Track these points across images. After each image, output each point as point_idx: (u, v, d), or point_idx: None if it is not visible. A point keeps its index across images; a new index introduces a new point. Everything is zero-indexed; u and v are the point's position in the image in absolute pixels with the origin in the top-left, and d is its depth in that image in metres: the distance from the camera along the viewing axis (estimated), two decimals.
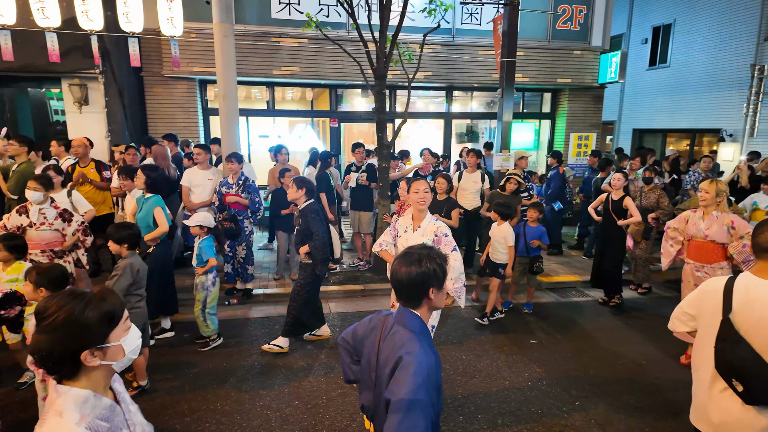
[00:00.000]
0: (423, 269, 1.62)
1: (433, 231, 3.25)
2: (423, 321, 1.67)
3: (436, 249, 1.73)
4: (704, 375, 2.03)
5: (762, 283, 1.89)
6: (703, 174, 7.19)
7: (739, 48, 11.06)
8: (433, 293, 1.65)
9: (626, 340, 4.78)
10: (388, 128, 9.00)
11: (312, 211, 4.22)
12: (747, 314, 1.87)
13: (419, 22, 7.73)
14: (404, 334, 1.61)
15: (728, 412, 1.92)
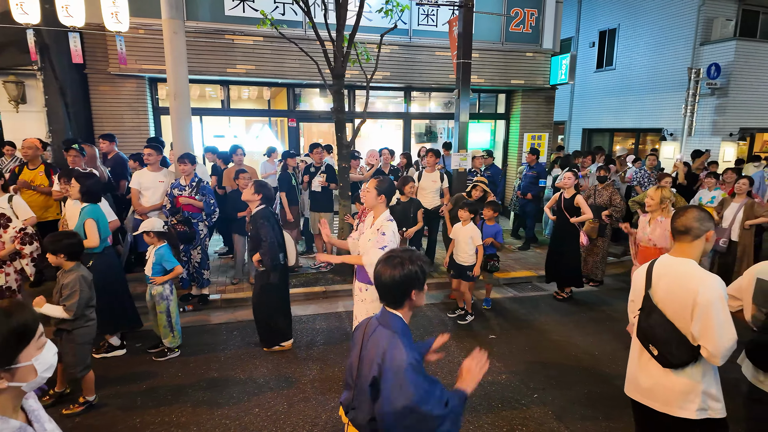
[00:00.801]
0: (405, 272, 1.69)
1: (377, 228, 3.26)
2: (404, 321, 1.76)
3: (417, 252, 1.82)
4: (634, 347, 2.29)
5: (674, 260, 2.12)
6: (649, 171, 7.58)
7: (677, 52, 11.77)
8: (415, 294, 1.74)
9: (580, 331, 4.97)
10: (348, 128, 9.00)
11: (262, 216, 4.13)
12: (660, 287, 2.11)
13: (377, 22, 7.73)
14: (387, 334, 1.70)
15: (653, 376, 2.15)
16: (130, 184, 5.43)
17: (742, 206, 5.48)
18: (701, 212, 2.09)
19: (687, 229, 2.07)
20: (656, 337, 2.08)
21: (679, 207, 2.23)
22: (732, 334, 1.92)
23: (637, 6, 12.90)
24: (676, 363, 2.04)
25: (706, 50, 11.14)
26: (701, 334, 1.94)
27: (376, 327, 1.77)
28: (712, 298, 1.92)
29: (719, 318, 1.90)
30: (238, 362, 4.22)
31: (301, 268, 6.62)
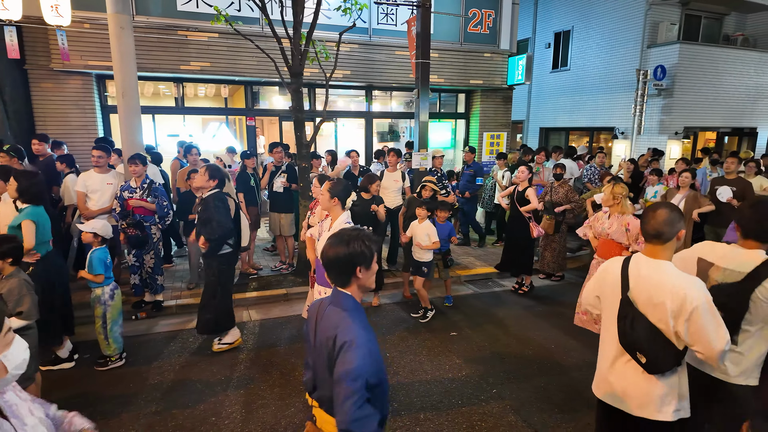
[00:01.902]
0: (350, 249, 1.71)
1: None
2: (354, 299, 1.76)
3: (365, 231, 1.81)
4: (608, 349, 2.21)
5: (651, 262, 2.08)
6: (599, 168, 7.88)
7: (626, 54, 12.29)
8: (361, 272, 1.74)
9: (537, 325, 5.10)
10: (309, 126, 8.88)
11: (217, 198, 4.04)
12: (640, 290, 2.05)
13: (335, 20, 7.66)
14: (338, 313, 1.72)
15: (630, 381, 2.10)
16: (76, 186, 5.15)
17: (684, 198, 5.79)
18: (671, 213, 2.05)
19: (659, 233, 2.04)
20: (644, 345, 2.01)
21: (649, 206, 2.15)
22: (725, 334, 1.91)
23: (589, 9, 13.37)
24: (665, 369, 2.01)
25: (653, 53, 11.69)
26: (695, 339, 1.91)
27: (327, 306, 1.79)
28: (701, 302, 1.90)
29: (711, 321, 1.90)
30: (194, 369, 4.08)
31: (261, 270, 6.49)
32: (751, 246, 2.25)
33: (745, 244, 2.27)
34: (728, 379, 2.25)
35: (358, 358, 1.59)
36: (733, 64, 12.16)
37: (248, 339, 4.73)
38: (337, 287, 1.79)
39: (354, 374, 1.57)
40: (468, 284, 6.50)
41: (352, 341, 1.62)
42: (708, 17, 12.86)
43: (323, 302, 1.85)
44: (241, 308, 5.44)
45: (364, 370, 1.59)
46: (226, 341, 4.43)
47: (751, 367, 2.23)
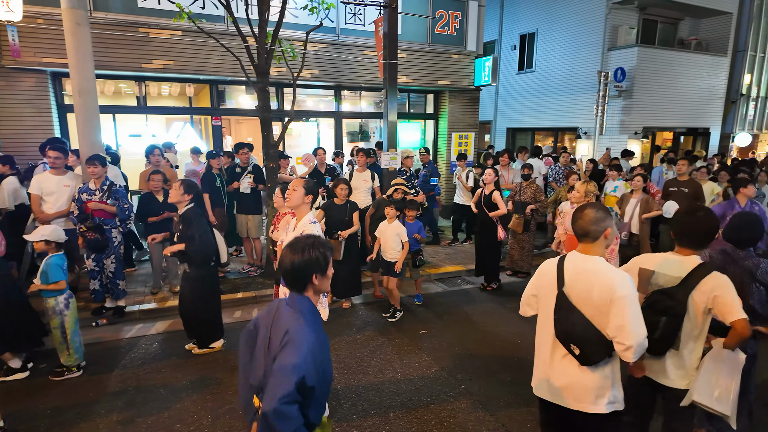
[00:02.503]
0: (306, 257, 1.79)
1: (300, 232, 3.21)
2: (311, 303, 1.84)
3: (321, 239, 1.89)
4: (545, 346, 2.28)
5: (585, 258, 2.16)
6: (563, 167, 8.11)
7: (588, 56, 12.68)
8: (317, 279, 1.82)
9: (504, 321, 5.20)
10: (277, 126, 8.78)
11: (193, 215, 4.02)
12: (576, 286, 2.13)
13: (303, 19, 7.60)
14: (292, 314, 1.78)
15: (568, 375, 2.17)
16: (29, 189, 4.93)
17: (639, 201, 6.04)
18: (596, 212, 2.13)
19: (585, 232, 2.14)
20: (578, 337, 2.07)
21: (578, 207, 2.24)
22: (644, 329, 1.99)
23: (553, 12, 13.73)
24: (597, 360, 2.07)
25: (613, 55, 12.10)
26: (618, 330, 1.97)
27: (282, 308, 1.84)
28: (627, 293, 1.98)
29: (634, 313, 1.97)
30: (158, 375, 3.97)
31: (229, 273, 6.37)
32: (687, 253, 2.35)
33: (681, 251, 2.37)
34: (673, 384, 2.35)
35: (299, 357, 1.65)
36: (688, 67, 12.73)
37: None
38: (292, 291, 1.86)
39: (290, 369, 1.63)
40: (438, 282, 6.57)
41: (297, 340, 1.69)
42: (664, 22, 13.41)
43: (280, 303, 1.90)
44: (232, 308, 5.33)
45: (302, 368, 1.64)
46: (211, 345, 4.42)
47: (692, 370, 2.32)
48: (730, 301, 2.15)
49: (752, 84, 14.16)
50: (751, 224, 2.69)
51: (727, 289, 2.17)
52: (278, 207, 4.39)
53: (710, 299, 2.19)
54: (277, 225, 4.33)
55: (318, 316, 1.85)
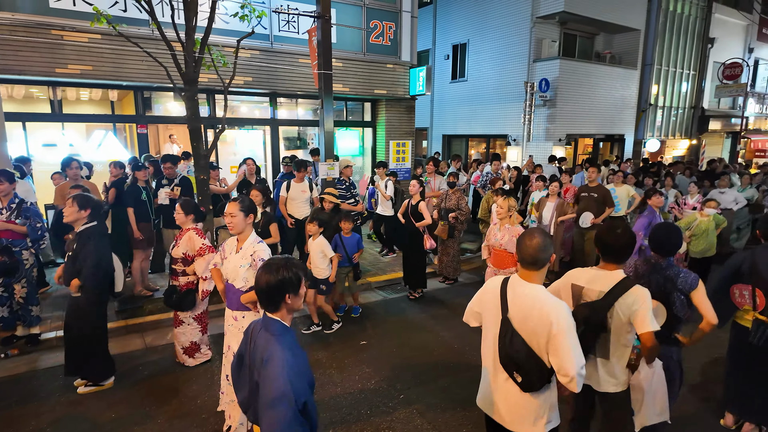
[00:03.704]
0: (280, 277, 1.86)
1: (250, 254, 3.13)
2: (282, 323, 1.92)
3: (294, 259, 1.97)
4: (489, 365, 2.35)
5: (525, 285, 2.21)
6: (494, 174, 8.48)
7: (516, 67, 13.37)
8: (290, 298, 1.90)
9: (441, 327, 5.35)
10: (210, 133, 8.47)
11: (93, 234, 3.69)
12: (516, 312, 2.19)
13: (234, 25, 7.39)
14: (266, 337, 1.87)
15: (510, 398, 2.25)
16: None
17: (555, 205, 6.49)
18: (544, 239, 2.18)
19: (535, 260, 2.17)
20: (520, 364, 2.13)
21: (525, 232, 2.28)
22: (582, 357, 2.07)
23: (482, 24, 14.34)
24: (538, 388, 2.14)
25: (538, 66, 12.85)
26: (560, 364, 2.03)
27: (260, 330, 1.93)
28: (565, 327, 2.04)
29: (573, 346, 2.03)
30: (80, 408, 3.69)
31: (157, 290, 6.04)
32: (611, 267, 2.52)
33: (606, 266, 2.54)
34: (605, 389, 2.54)
35: (280, 377, 1.73)
36: (604, 78, 13.79)
37: (145, 367, 4.39)
38: (266, 313, 1.94)
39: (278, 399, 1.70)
40: (378, 291, 6.63)
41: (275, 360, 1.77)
42: (582, 36, 14.44)
43: (256, 326, 1.99)
44: (134, 335, 5.04)
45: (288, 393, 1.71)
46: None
47: (621, 375, 2.53)
48: (643, 315, 2.33)
49: (659, 94, 15.58)
50: (670, 234, 2.88)
51: (644, 303, 2.35)
52: (179, 223, 4.08)
53: (631, 312, 2.36)
54: (179, 242, 4.09)
55: (291, 334, 1.92)
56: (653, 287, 2.71)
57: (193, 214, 4.10)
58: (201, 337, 4.38)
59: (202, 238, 3.99)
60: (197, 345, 4.37)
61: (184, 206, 4.06)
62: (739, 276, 3.25)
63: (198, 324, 4.31)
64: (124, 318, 5.26)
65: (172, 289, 4.15)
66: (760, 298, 3.14)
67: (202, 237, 4.01)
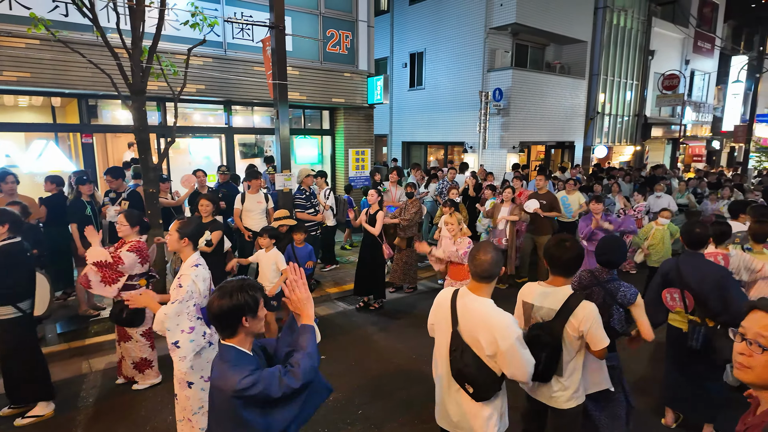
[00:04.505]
0: (234, 301, 1.79)
1: (179, 276, 3.01)
2: (237, 349, 1.83)
3: (250, 280, 1.91)
4: (442, 377, 2.40)
5: (474, 297, 2.29)
6: (450, 182, 8.64)
7: (471, 77, 13.70)
8: (248, 321, 1.83)
9: (400, 338, 5.38)
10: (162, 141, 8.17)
11: (12, 251, 3.47)
12: (466, 325, 2.26)
13: (186, 32, 7.16)
14: (221, 366, 1.77)
15: (463, 408, 2.32)
16: None
17: (510, 211, 6.75)
18: (496, 253, 2.25)
19: (489, 274, 2.25)
20: (471, 376, 2.20)
21: (478, 246, 2.32)
22: (532, 360, 2.21)
23: (438, 33, 14.61)
24: (489, 397, 2.24)
25: (492, 76, 13.22)
26: (514, 373, 2.16)
27: (216, 360, 1.85)
28: (512, 341, 2.13)
29: (522, 355, 2.15)
30: None
31: (104, 310, 5.75)
32: (560, 282, 2.58)
33: (555, 280, 2.60)
34: (560, 405, 2.61)
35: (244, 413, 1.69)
36: (554, 88, 14.36)
37: (90, 392, 4.17)
38: (222, 339, 1.86)
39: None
40: (338, 302, 6.59)
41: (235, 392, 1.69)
42: (533, 47, 14.99)
43: (216, 356, 1.90)
44: (78, 358, 4.78)
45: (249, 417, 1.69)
46: (34, 413, 3.76)
47: (575, 390, 2.61)
48: (594, 332, 2.43)
49: (605, 103, 16.38)
50: (617, 247, 2.99)
51: (594, 321, 2.44)
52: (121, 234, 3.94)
53: (582, 329, 2.45)
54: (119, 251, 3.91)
55: (247, 359, 1.81)
56: (595, 299, 2.84)
57: (138, 226, 3.95)
58: (151, 353, 4.23)
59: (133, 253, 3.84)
60: (149, 361, 4.22)
61: (128, 217, 3.90)
62: (669, 282, 3.47)
63: (147, 340, 4.16)
64: (67, 341, 4.98)
65: (120, 305, 3.96)
66: (689, 300, 3.35)
67: (134, 252, 3.85)
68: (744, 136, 16.99)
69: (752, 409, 1.51)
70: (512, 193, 6.83)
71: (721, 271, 3.32)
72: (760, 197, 8.91)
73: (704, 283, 3.27)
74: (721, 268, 3.39)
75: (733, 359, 1.43)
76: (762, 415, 1.40)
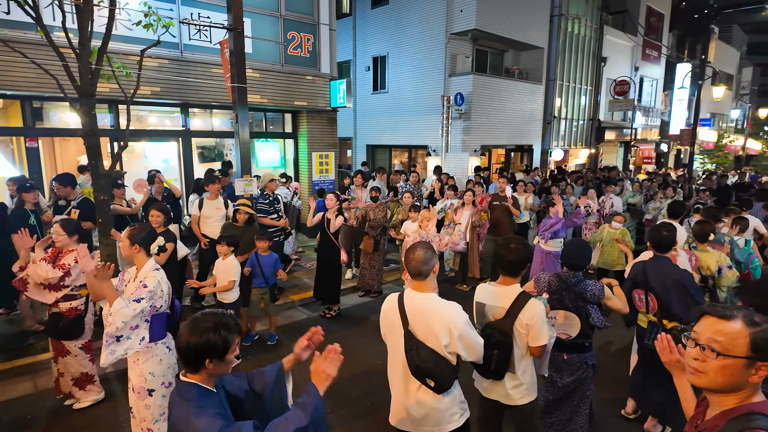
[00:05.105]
0: (202, 340, 1.66)
1: (140, 279, 2.95)
2: (199, 387, 1.71)
3: (229, 319, 1.77)
4: (398, 380, 2.46)
5: (419, 296, 2.38)
6: (412, 185, 8.71)
7: (433, 81, 13.86)
8: (211, 364, 1.70)
9: (365, 343, 5.36)
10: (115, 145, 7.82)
11: None
12: (417, 323, 2.34)
13: (139, 32, 6.90)
14: (180, 405, 1.66)
15: (425, 405, 2.37)
16: None
17: (471, 213, 6.91)
18: (425, 252, 2.35)
19: (419, 272, 2.35)
20: (431, 371, 2.29)
21: (409, 247, 2.44)
22: (481, 340, 2.41)
23: (400, 38, 14.71)
24: (450, 387, 2.34)
25: (454, 81, 13.42)
26: (469, 353, 2.33)
27: (175, 397, 1.73)
28: (462, 326, 2.27)
29: (473, 337, 2.34)
30: None
31: None
32: (509, 282, 2.66)
33: (504, 280, 2.68)
34: (516, 402, 2.68)
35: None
36: (513, 93, 14.74)
37: (35, 414, 3.92)
38: (181, 374, 1.76)
39: None
40: (302, 308, 6.50)
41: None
42: (493, 53, 15.34)
43: (174, 392, 1.77)
44: (23, 377, 4.49)
45: None
46: None
47: (529, 386, 2.68)
48: (536, 330, 2.53)
49: (562, 107, 16.96)
50: (582, 251, 3.14)
51: (539, 319, 2.53)
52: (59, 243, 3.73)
53: (528, 325, 2.53)
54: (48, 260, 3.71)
55: (210, 397, 1.69)
56: (568, 303, 2.95)
57: (77, 235, 3.76)
58: (92, 367, 4.01)
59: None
60: (90, 376, 4.00)
61: (64, 226, 3.72)
62: (637, 284, 3.62)
63: (86, 353, 3.94)
64: (9, 359, 4.67)
65: (56, 317, 3.74)
66: (653, 302, 3.50)
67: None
68: (689, 140, 18.00)
69: (701, 411, 1.55)
70: (473, 195, 6.97)
71: (682, 273, 3.46)
72: (708, 199, 9.45)
73: (666, 285, 3.41)
74: (683, 271, 3.53)
75: (687, 364, 1.46)
76: (714, 419, 1.43)
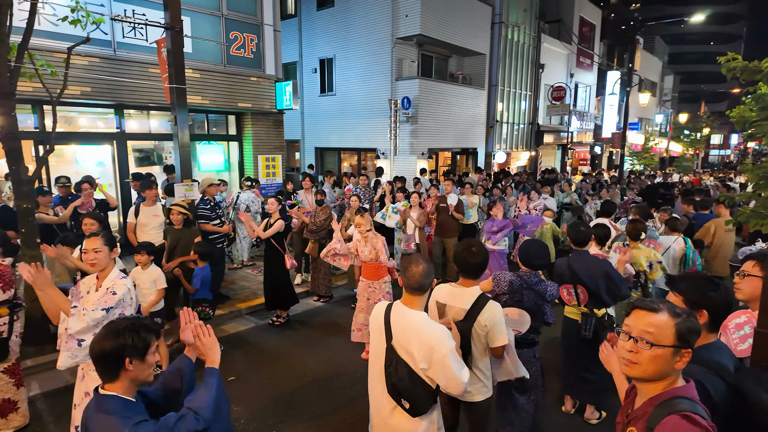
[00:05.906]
0: (119, 342, 1.62)
1: (107, 287, 2.79)
2: (120, 398, 1.63)
3: (144, 319, 1.75)
4: (379, 396, 2.36)
5: (407, 312, 2.29)
6: (363, 188, 8.71)
7: (381, 85, 13.95)
8: (131, 364, 1.64)
9: (315, 349, 5.29)
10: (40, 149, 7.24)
11: None
12: (400, 339, 2.26)
13: (66, 29, 6.44)
14: (101, 419, 1.56)
15: (401, 425, 2.30)
16: None
17: (418, 215, 7.06)
18: (427, 265, 2.27)
19: (420, 286, 2.26)
20: (406, 391, 2.19)
21: (409, 259, 2.33)
22: (467, 371, 2.22)
23: (346, 41, 14.68)
24: (425, 411, 2.23)
25: (400, 85, 13.58)
26: (447, 384, 2.15)
27: (91, 413, 1.62)
28: (446, 352, 2.13)
29: (456, 365, 2.16)
30: None
31: None
32: (468, 284, 2.73)
33: (464, 282, 2.74)
34: (472, 399, 2.74)
35: None
36: (458, 97, 15.13)
37: None
38: (100, 387, 1.67)
39: None
40: (249, 317, 6.31)
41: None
42: (438, 58, 15.67)
43: (89, 407, 1.67)
44: None
45: None
46: None
47: (485, 383, 2.76)
48: (495, 332, 2.60)
49: (503, 111, 17.62)
50: (540, 251, 3.24)
51: (497, 321, 2.59)
52: None
53: (486, 326, 2.59)
54: None
55: (134, 407, 1.62)
56: (528, 302, 3.07)
57: (0, 248, 3.46)
58: (16, 392, 3.67)
59: None
60: (13, 402, 3.64)
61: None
62: (563, 279, 3.81)
63: (11, 377, 3.61)
64: None
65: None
66: (583, 294, 3.70)
67: None
68: (620, 142, 19.22)
69: (630, 400, 1.66)
70: (419, 198, 7.09)
71: (604, 263, 3.72)
72: (638, 196, 10.16)
73: (594, 276, 3.63)
74: (604, 261, 3.80)
75: (620, 356, 1.54)
76: (643, 407, 1.52)
